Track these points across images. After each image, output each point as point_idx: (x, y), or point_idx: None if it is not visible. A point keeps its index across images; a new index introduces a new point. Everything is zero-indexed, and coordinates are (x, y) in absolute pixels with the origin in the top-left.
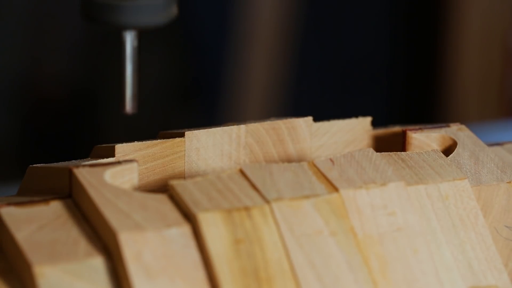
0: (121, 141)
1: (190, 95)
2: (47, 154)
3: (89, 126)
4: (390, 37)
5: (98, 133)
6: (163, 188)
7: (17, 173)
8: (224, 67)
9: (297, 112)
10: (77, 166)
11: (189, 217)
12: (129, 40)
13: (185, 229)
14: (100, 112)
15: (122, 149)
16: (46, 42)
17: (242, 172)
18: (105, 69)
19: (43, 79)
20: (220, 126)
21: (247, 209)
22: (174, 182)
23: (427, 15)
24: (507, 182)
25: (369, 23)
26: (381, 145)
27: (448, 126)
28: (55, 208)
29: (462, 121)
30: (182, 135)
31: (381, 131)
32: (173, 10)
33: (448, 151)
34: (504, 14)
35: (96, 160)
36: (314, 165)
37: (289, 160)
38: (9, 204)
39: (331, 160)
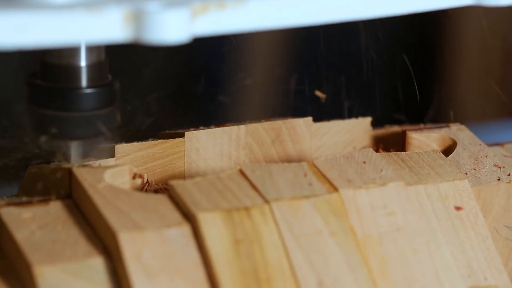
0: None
1: (190, 95)
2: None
3: None
4: (390, 37)
5: None
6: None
7: (17, 173)
8: (224, 67)
9: (297, 112)
10: (77, 166)
11: (189, 217)
12: None
13: (185, 229)
14: None
15: (122, 149)
16: None
17: (241, 172)
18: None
19: None
20: (220, 127)
21: (246, 209)
22: (174, 182)
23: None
24: (507, 182)
25: (370, 23)
26: (381, 145)
27: (448, 126)
28: (55, 208)
29: (462, 121)
30: (182, 135)
31: (381, 131)
32: None
33: (448, 151)
34: (504, 14)
35: (96, 160)
36: (314, 165)
37: (289, 160)
38: (9, 204)
39: (331, 160)
